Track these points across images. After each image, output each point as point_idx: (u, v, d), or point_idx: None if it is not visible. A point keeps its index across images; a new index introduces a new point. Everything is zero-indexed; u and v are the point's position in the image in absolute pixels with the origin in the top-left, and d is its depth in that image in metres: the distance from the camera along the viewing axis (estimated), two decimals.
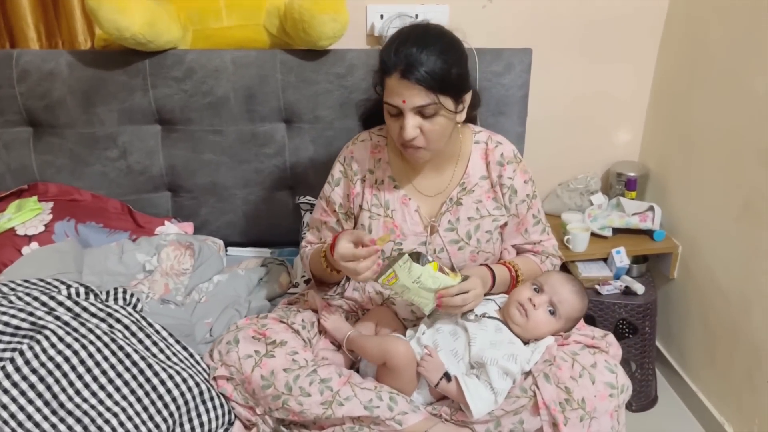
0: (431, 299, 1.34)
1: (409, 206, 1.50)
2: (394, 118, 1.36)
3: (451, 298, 1.33)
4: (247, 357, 1.32)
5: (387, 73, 1.31)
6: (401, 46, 1.29)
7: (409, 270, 1.30)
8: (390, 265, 1.32)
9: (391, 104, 1.32)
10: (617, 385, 1.27)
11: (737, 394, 1.95)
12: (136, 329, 1.29)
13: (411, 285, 1.31)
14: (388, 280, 1.32)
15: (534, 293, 1.38)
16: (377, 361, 1.35)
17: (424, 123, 1.33)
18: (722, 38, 1.92)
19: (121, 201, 1.98)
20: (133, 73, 1.88)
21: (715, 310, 2.04)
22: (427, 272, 1.31)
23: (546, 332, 1.37)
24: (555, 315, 1.37)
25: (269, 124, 1.95)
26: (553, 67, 2.13)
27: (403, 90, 1.29)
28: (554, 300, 1.37)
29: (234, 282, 1.76)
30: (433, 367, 1.31)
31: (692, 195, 2.13)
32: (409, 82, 1.28)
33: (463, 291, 1.34)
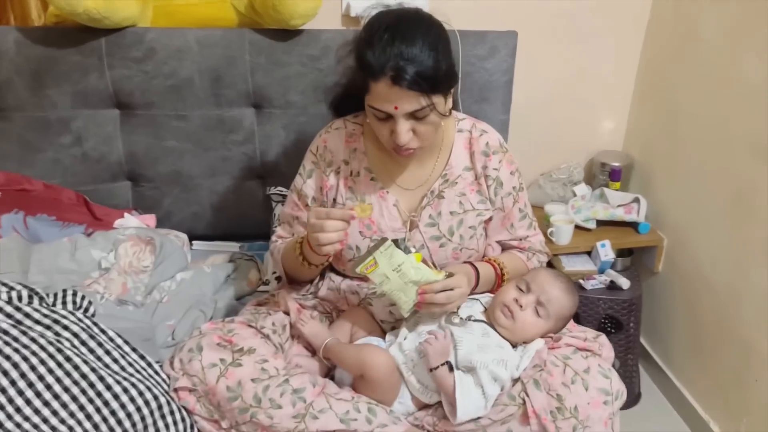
0: (412, 295, 1.24)
1: (387, 200, 1.40)
2: (382, 122, 1.27)
3: (434, 294, 1.23)
4: (212, 366, 1.21)
5: (373, 78, 1.20)
6: (388, 46, 1.18)
7: (390, 256, 1.21)
8: (370, 252, 1.22)
9: (380, 110, 1.23)
10: (612, 392, 1.20)
11: (724, 391, 1.90)
12: (86, 337, 1.17)
13: (391, 274, 1.22)
14: (367, 268, 1.22)
15: (520, 293, 1.30)
16: (354, 371, 1.26)
17: (417, 125, 1.25)
18: (713, 23, 1.85)
19: (76, 191, 1.85)
20: (87, 52, 1.75)
21: (702, 305, 1.99)
22: (410, 261, 1.22)
23: (535, 334, 1.29)
24: (543, 315, 1.29)
25: (237, 109, 1.85)
26: (535, 52, 2.05)
27: (394, 96, 1.20)
28: (542, 299, 1.29)
29: (199, 280, 1.64)
30: (439, 349, 1.21)
31: (679, 186, 2.08)
32: (401, 88, 1.18)
33: (448, 288, 1.24)
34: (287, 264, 1.44)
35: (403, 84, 1.18)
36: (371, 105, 1.24)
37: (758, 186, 1.71)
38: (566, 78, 2.20)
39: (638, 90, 2.25)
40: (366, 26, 1.24)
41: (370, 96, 1.23)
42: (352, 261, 1.36)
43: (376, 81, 1.20)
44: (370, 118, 1.29)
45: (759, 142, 1.70)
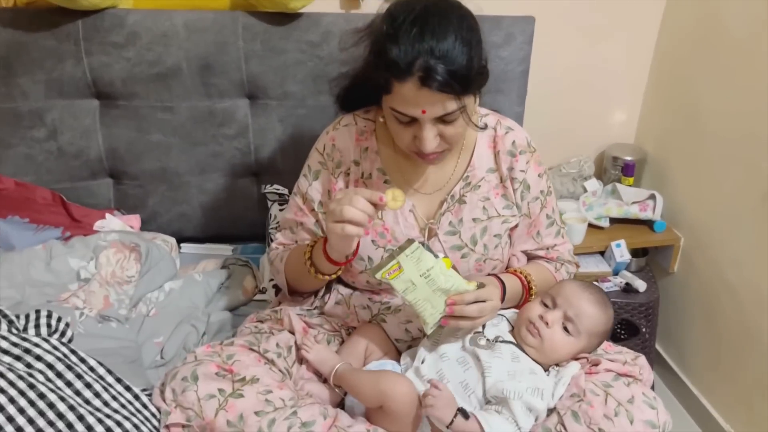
0: (440, 306, 1.11)
1: (403, 205, 1.26)
2: (404, 126, 1.13)
3: (464, 306, 1.10)
4: (210, 397, 1.06)
5: (399, 78, 1.06)
6: (417, 42, 1.04)
7: (418, 260, 1.09)
8: (393, 256, 1.10)
9: (404, 114, 1.10)
10: (659, 424, 1.08)
11: (747, 401, 1.82)
12: (62, 368, 1.01)
13: (418, 280, 1.09)
14: (390, 273, 1.09)
15: (545, 309, 1.18)
16: (372, 404, 1.12)
17: (444, 129, 1.12)
18: (737, 12, 1.75)
19: (51, 190, 1.73)
20: (62, 37, 1.62)
21: (723, 309, 1.90)
22: (440, 266, 1.09)
23: (566, 354, 1.17)
24: (573, 332, 1.17)
25: (229, 100, 1.73)
26: (545, 40, 1.93)
27: (422, 99, 1.06)
28: (570, 314, 1.17)
29: (189, 290, 1.51)
30: (444, 402, 1.08)
31: (697, 183, 1.99)
32: (431, 90, 1.05)
33: (480, 300, 1.12)
34: (291, 273, 1.31)
35: (434, 86, 1.04)
36: (394, 108, 1.10)
37: None
38: (576, 68, 2.10)
39: (652, 81, 2.16)
40: (387, 16, 1.09)
41: (392, 97, 1.09)
42: (370, 269, 1.22)
43: (401, 81, 1.06)
44: (390, 121, 1.15)
45: None
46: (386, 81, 1.08)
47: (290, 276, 1.32)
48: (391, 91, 1.08)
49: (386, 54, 1.05)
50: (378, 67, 1.08)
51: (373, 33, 1.12)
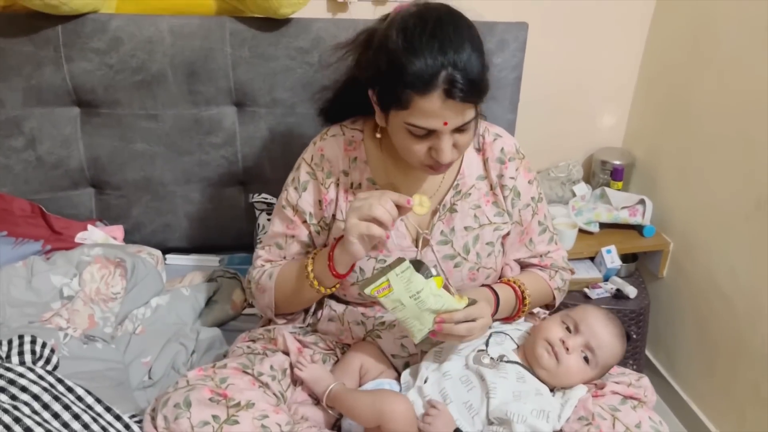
0: (428, 323, 1.09)
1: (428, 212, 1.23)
2: (419, 139, 1.10)
3: (453, 326, 1.09)
4: (203, 424, 1.02)
5: (422, 92, 1.04)
6: (439, 55, 1.03)
7: (408, 281, 1.06)
8: (384, 273, 1.07)
9: (424, 127, 1.07)
10: None
11: (739, 408, 1.82)
12: (49, 399, 0.97)
13: (407, 300, 1.06)
14: (379, 290, 1.07)
15: (567, 333, 1.15)
16: (369, 424, 1.10)
17: (458, 138, 1.11)
18: (728, 16, 1.74)
19: (30, 201, 1.68)
20: (41, 43, 1.58)
21: (715, 315, 1.90)
22: (430, 288, 1.07)
23: (577, 381, 1.15)
24: (591, 363, 1.14)
25: (216, 107, 1.69)
26: (533, 45, 1.90)
27: (446, 112, 1.05)
28: (592, 344, 1.14)
29: (177, 305, 1.47)
30: (442, 423, 1.07)
31: (688, 188, 1.98)
32: (455, 101, 1.04)
33: (470, 318, 1.10)
34: (283, 289, 1.27)
35: (458, 97, 1.03)
36: (411, 122, 1.07)
37: None
38: (563, 71, 2.09)
39: (641, 85, 2.15)
40: (399, 30, 1.06)
41: (410, 112, 1.06)
42: (361, 281, 1.19)
43: (424, 95, 1.03)
44: (400, 136, 1.12)
45: None
46: (404, 96, 1.05)
47: (281, 293, 1.27)
48: (409, 106, 1.05)
49: (406, 69, 1.03)
50: (395, 82, 1.05)
51: (381, 48, 1.09)
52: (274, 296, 1.27)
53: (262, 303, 1.30)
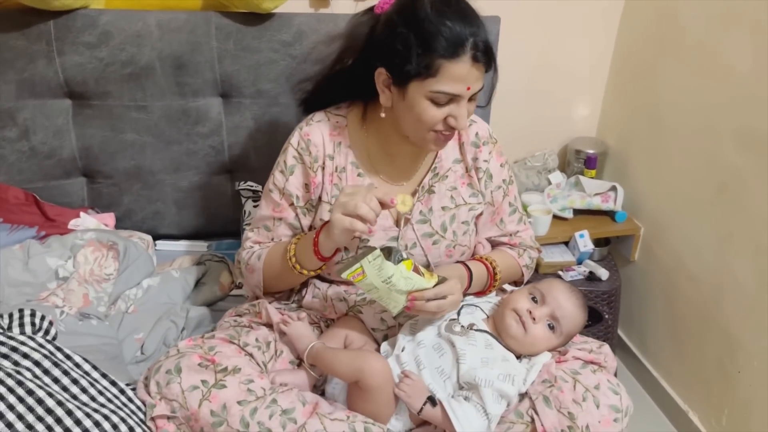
0: (402, 301, 1.17)
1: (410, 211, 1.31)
2: (438, 107, 1.16)
3: (424, 302, 1.16)
4: (193, 389, 1.09)
5: (453, 57, 1.11)
6: (465, 22, 1.11)
7: (379, 268, 1.13)
8: (357, 259, 1.14)
9: (449, 93, 1.14)
10: (622, 408, 1.14)
11: (705, 382, 1.90)
12: (49, 365, 1.04)
13: (379, 284, 1.14)
14: (354, 276, 1.14)
15: (533, 304, 1.22)
16: (349, 379, 1.17)
17: (470, 106, 1.19)
18: (695, 7, 1.81)
19: (24, 189, 1.71)
20: (34, 37, 1.61)
21: (682, 295, 1.98)
22: (400, 272, 1.14)
23: (543, 349, 1.22)
24: (555, 331, 1.22)
25: (203, 98, 1.73)
26: (506, 37, 1.96)
27: (471, 75, 1.13)
28: (557, 314, 1.21)
29: (167, 286, 1.52)
30: (415, 390, 1.14)
31: (656, 175, 2.05)
32: (480, 66, 1.13)
33: (439, 296, 1.17)
34: (270, 270, 1.33)
35: (482, 61, 1.13)
36: (437, 90, 1.13)
37: (744, 176, 1.68)
38: (538, 63, 2.14)
39: (613, 76, 2.21)
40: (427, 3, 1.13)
41: (438, 79, 1.13)
42: (339, 264, 1.26)
43: (454, 60, 1.11)
44: (420, 108, 1.16)
45: (745, 132, 1.67)
46: (434, 63, 1.11)
47: (268, 274, 1.33)
48: (438, 73, 1.12)
49: (439, 35, 1.10)
50: (426, 50, 1.11)
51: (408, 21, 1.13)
52: (263, 276, 1.33)
53: (251, 283, 1.36)
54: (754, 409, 1.72)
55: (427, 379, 1.17)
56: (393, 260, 1.14)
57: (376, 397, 1.15)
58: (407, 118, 1.21)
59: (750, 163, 1.66)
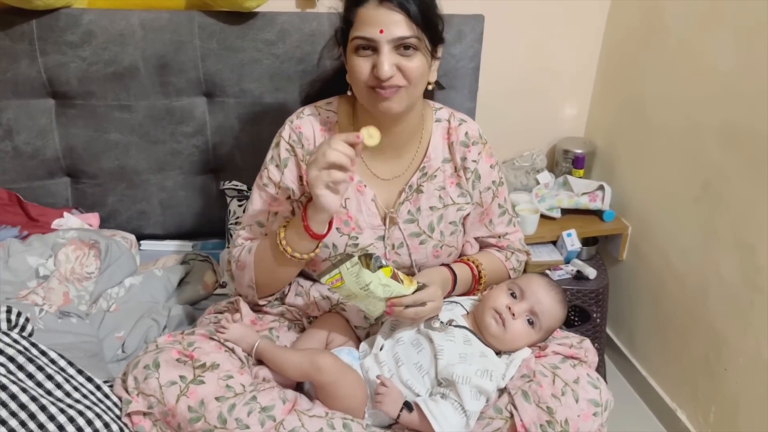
0: (381, 307, 1.17)
1: (365, 195, 1.31)
2: (364, 58, 1.17)
3: (402, 309, 1.16)
4: (171, 384, 1.09)
5: (360, 2, 1.15)
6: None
7: (357, 275, 1.13)
8: (336, 266, 1.13)
9: (364, 37, 1.15)
10: (601, 402, 1.14)
11: (692, 380, 1.90)
12: (24, 361, 1.03)
13: (358, 291, 1.14)
14: (333, 281, 1.14)
15: (512, 300, 1.22)
16: (300, 379, 1.17)
17: (402, 60, 1.16)
18: (679, 8, 1.82)
19: (7, 189, 1.71)
20: (16, 37, 1.60)
21: (669, 293, 1.98)
22: (378, 279, 1.14)
23: (523, 344, 1.22)
24: (535, 326, 1.21)
25: (187, 98, 1.73)
26: (495, 38, 1.98)
27: (382, 17, 1.13)
28: (536, 309, 1.21)
29: (150, 285, 1.52)
30: (391, 399, 1.13)
31: (643, 174, 2.06)
32: (390, 7, 1.13)
33: (418, 302, 1.17)
34: (261, 262, 1.27)
35: (394, 2, 1.12)
36: (355, 36, 1.16)
37: (727, 174, 1.69)
38: (527, 64, 2.15)
39: (600, 76, 2.22)
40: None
41: (354, 27, 1.16)
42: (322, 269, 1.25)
43: (362, 5, 1.15)
44: (351, 59, 1.18)
45: (728, 129, 1.67)
46: (349, 16, 1.16)
47: (260, 267, 1.28)
48: (353, 22, 1.15)
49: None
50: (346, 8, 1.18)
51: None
52: (254, 271, 1.28)
53: (244, 282, 1.30)
54: (741, 406, 1.72)
55: (405, 375, 1.16)
56: (373, 267, 1.14)
57: (336, 391, 1.14)
58: (351, 82, 1.22)
59: (732, 160, 1.67)
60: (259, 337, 1.22)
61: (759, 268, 1.61)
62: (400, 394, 1.15)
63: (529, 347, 1.24)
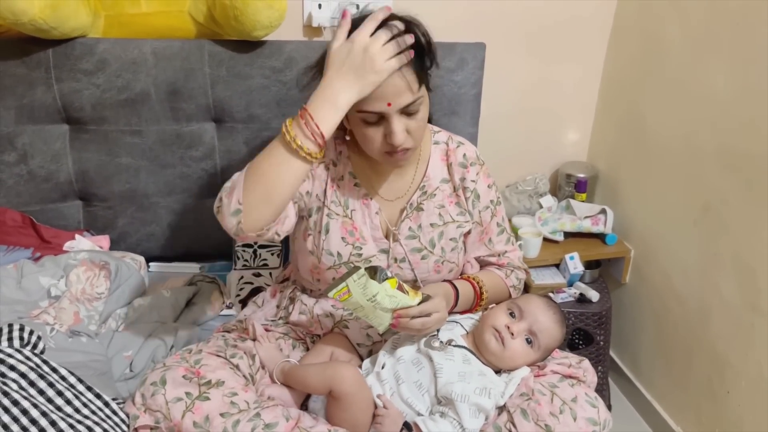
0: (387, 319, 1.20)
1: (371, 207, 1.35)
2: (373, 126, 1.20)
3: (409, 320, 1.18)
4: (177, 400, 1.11)
5: None
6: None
7: (364, 287, 1.16)
8: (343, 279, 1.16)
9: (373, 112, 1.17)
10: (599, 421, 1.16)
11: (695, 403, 1.90)
12: (35, 377, 1.06)
13: (365, 303, 1.17)
14: (340, 295, 1.16)
15: (511, 319, 1.24)
16: (322, 391, 1.19)
17: (409, 122, 1.20)
18: (678, 34, 1.86)
19: (21, 212, 1.74)
20: (33, 65, 1.65)
21: (672, 316, 1.98)
22: (384, 290, 1.17)
23: (521, 364, 1.24)
24: (533, 346, 1.23)
25: (196, 123, 1.76)
26: (498, 64, 2.02)
27: (387, 90, 1.14)
28: (534, 329, 1.23)
29: (158, 305, 1.54)
30: (390, 420, 1.16)
31: (645, 197, 2.08)
32: (392, 78, 1.13)
33: (424, 313, 1.19)
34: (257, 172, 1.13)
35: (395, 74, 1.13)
36: (361, 109, 1.17)
37: (727, 196, 1.71)
38: (529, 90, 2.19)
39: (602, 101, 2.25)
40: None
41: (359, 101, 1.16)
42: (326, 277, 1.28)
43: None
44: (359, 128, 1.22)
45: (727, 152, 1.70)
46: None
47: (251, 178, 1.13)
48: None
49: None
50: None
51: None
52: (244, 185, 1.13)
53: (230, 209, 1.14)
54: (745, 428, 1.71)
55: (405, 393, 1.18)
56: (378, 279, 1.17)
57: (351, 404, 1.16)
58: (360, 141, 1.25)
59: (731, 183, 1.69)
60: (284, 359, 1.26)
61: (759, 290, 1.63)
62: (400, 415, 1.17)
63: (528, 366, 1.25)
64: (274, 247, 1.78)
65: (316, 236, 1.33)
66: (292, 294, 1.43)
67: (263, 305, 1.47)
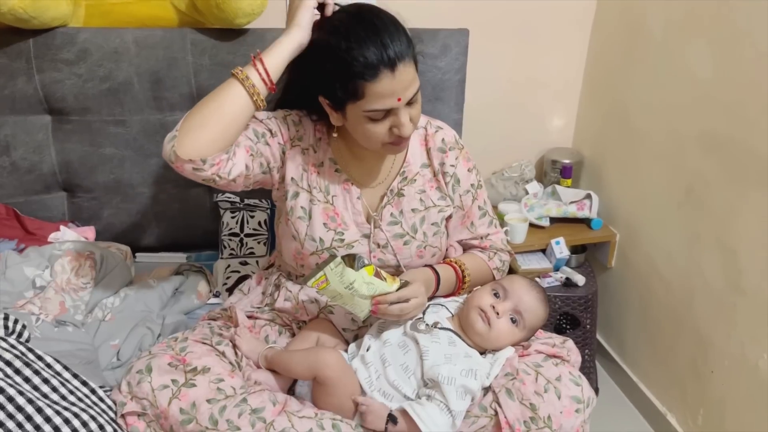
0: (367, 306, 1.21)
1: (352, 193, 1.35)
2: (378, 122, 1.20)
3: (387, 306, 1.20)
4: (163, 387, 1.12)
5: (372, 77, 1.14)
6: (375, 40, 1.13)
7: (341, 275, 1.17)
8: (320, 268, 1.17)
9: (381, 109, 1.17)
10: (583, 399, 1.17)
11: (681, 384, 1.92)
12: (20, 365, 1.06)
13: (343, 291, 1.18)
14: (318, 284, 1.18)
15: (496, 299, 1.25)
16: (306, 377, 1.20)
17: (412, 112, 1.22)
18: (659, 18, 1.87)
19: (5, 204, 1.73)
20: (13, 55, 1.64)
21: (656, 299, 2.01)
22: (361, 278, 1.18)
23: (507, 343, 1.25)
24: (518, 325, 1.24)
25: (180, 112, 1.74)
26: (482, 51, 2.03)
27: (397, 86, 1.15)
28: (519, 308, 1.25)
29: (144, 295, 1.54)
30: (375, 415, 1.16)
31: (629, 182, 2.10)
32: (401, 70, 1.14)
33: (402, 299, 1.21)
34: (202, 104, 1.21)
35: (402, 66, 1.14)
36: (369, 109, 1.17)
37: (708, 180, 1.73)
38: (514, 77, 2.20)
39: (586, 87, 2.27)
40: (333, 34, 1.16)
41: (366, 100, 1.16)
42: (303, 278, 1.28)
43: (374, 80, 1.13)
44: (361, 125, 1.21)
45: (708, 136, 1.72)
46: (357, 89, 1.15)
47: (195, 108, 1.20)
48: (365, 95, 1.15)
49: (350, 64, 1.13)
50: (346, 79, 1.15)
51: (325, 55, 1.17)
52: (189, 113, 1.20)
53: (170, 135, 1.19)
54: (728, 407, 1.74)
55: (391, 376, 1.19)
56: (356, 266, 1.18)
57: (336, 389, 1.17)
58: (357, 136, 1.26)
59: (712, 166, 1.71)
60: (266, 346, 1.26)
61: (741, 271, 1.65)
62: (383, 407, 1.17)
63: (512, 346, 1.27)
64: (261, 236, 1.78)
65: (295, 221, 1.33)
66: (277, 281, 1.43)
67: (249, 293, 1.47)
